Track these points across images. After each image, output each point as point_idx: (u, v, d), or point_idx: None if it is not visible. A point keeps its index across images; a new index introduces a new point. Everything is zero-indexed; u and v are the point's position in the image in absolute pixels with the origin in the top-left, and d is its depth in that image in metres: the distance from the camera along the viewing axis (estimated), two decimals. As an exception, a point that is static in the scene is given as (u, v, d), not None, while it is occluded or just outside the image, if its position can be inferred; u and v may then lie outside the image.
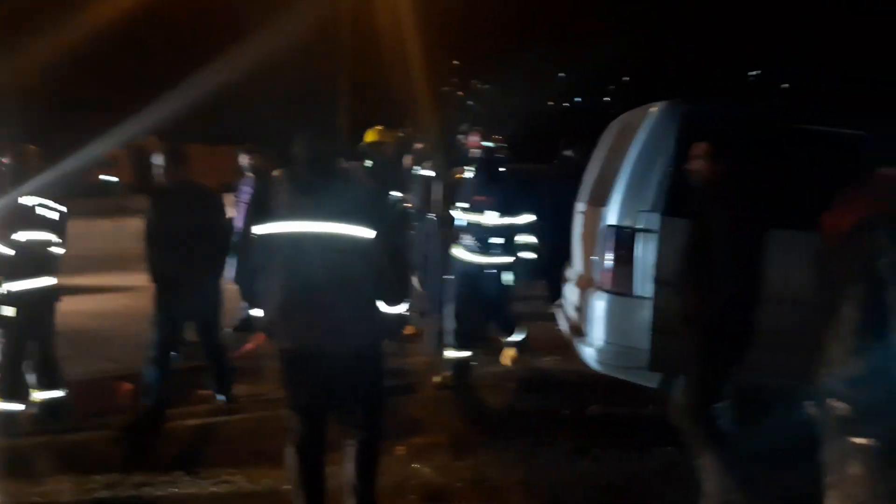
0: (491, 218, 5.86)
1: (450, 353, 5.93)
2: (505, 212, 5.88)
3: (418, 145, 7.86)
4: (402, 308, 3.66)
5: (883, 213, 2.42)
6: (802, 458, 4.08)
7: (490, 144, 6.07)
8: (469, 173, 6.20)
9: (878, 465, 2.49)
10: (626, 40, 31.55)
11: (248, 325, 7.12)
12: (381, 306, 3.49)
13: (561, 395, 5.78)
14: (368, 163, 7.26)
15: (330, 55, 17.77)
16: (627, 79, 38.13)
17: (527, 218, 6.07)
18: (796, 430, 4.12)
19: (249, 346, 6.56)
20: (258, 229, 3.41)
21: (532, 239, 6.27)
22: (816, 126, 4.62)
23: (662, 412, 5.07)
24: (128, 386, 5.00)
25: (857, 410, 2.50)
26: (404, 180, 7.48)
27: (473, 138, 6.07)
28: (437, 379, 5.90)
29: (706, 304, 3.75)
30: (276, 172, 4.50)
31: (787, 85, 33.79)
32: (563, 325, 5.76)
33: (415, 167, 7.57)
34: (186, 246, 4.89)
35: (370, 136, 7.25)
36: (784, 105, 5.39)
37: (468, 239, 5.98)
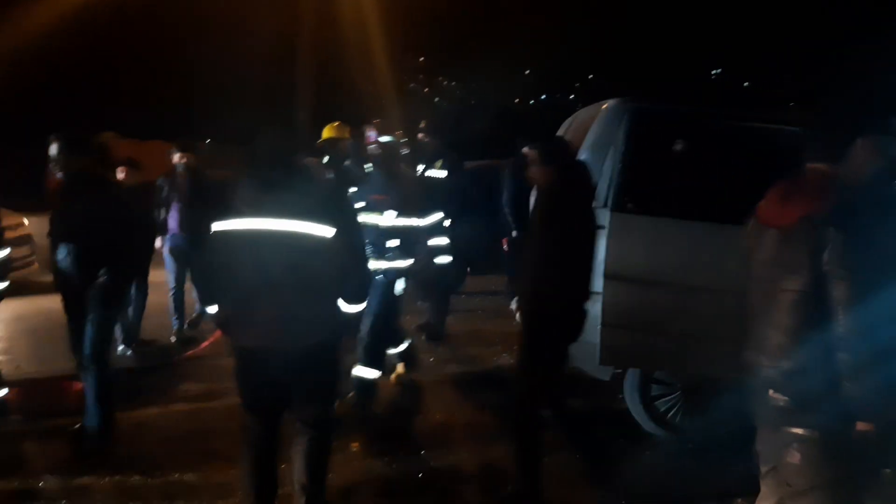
0: (388, 218, 5.22)
1: (356, 371, 5.23)
2: (403, 212, 5.27)
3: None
4: (361, 307, 3.65)
5: (829, 209, 2.46)
6: (746, 448, 4.19)
7: (388, 139, 5.52)
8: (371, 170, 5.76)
9: (816, 455, 2.54)
10: (592, 37, 31.75)
11: (198, 323, 7.11)
12: (341, 304, 3.48)
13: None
14: (326, 159, 7.23)
15: (292, 49, 17.63)
16: (592, 76, 38.34)
17: (433, 218, 5.93)
18: (740, 421, 4.24)
19: (203, 344, 6.51)
20: (217, 226, 3.37)
21: (444, 240, 6.26)
22: (760, 124, 4.71)
23: (614, 404, 5.17)
24: (78, 385, 4.92)
25: (795, 401, 2.55)
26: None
27: (369, 133, 5.65)
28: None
29: (524, 296, 3.94)
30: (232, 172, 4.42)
31: (747, 83, 34.29)
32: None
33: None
34: (83, 242, 4.48)
35: (327, 132, 7.23)
36: (730, 104, 5.46)
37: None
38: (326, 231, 3.31)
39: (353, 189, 6.44)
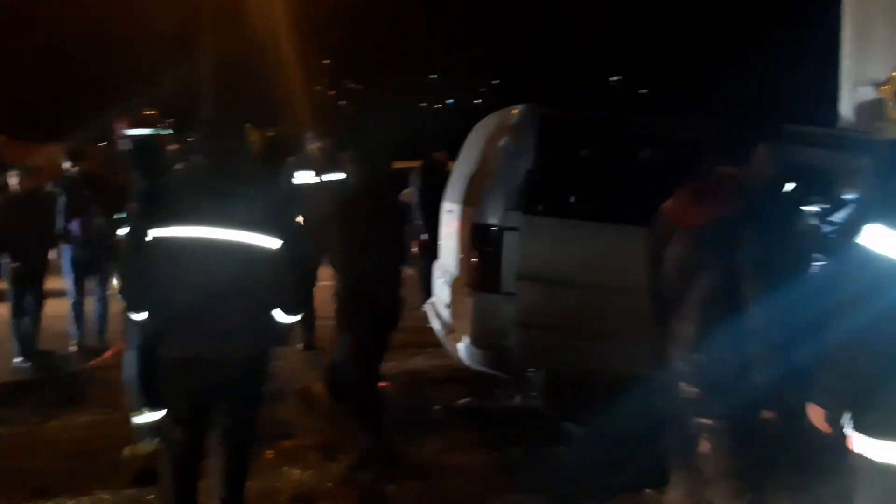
0: None
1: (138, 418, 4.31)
2: None
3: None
4: (298, 317, 3.59)
5: (739, 210, 2.58)
6: (654, 441, 4.36)
7: (145, 132, 4.48)
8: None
9: (724, 444, 2.67)
10: (497, 43, 32.29)
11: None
12: (278, 315, 3.40)
13: (432, 392, 5.86)
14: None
15: (193, 50, 17.18)
16: (497, 81, 39.00)
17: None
18: (649, 414, 4.41)
19: (107, 353, 6.28)
20: (158, 232, 3.20)
21: None
22: (663, 130, 4.92)
23: (530, 403, 5.28)
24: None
25: (705, 391, 2.66)
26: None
27: (118, 125, 4.52)
28: (126, 452, 4.39)
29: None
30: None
31: (645, 90, 35.67)
32: (435, 323, 5.85)
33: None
34: None
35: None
36: (635, 111, 5.68)
37: None
38: (272, 243, 3.24)
39: None
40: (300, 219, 5.88)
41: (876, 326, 2.05)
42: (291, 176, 6.98)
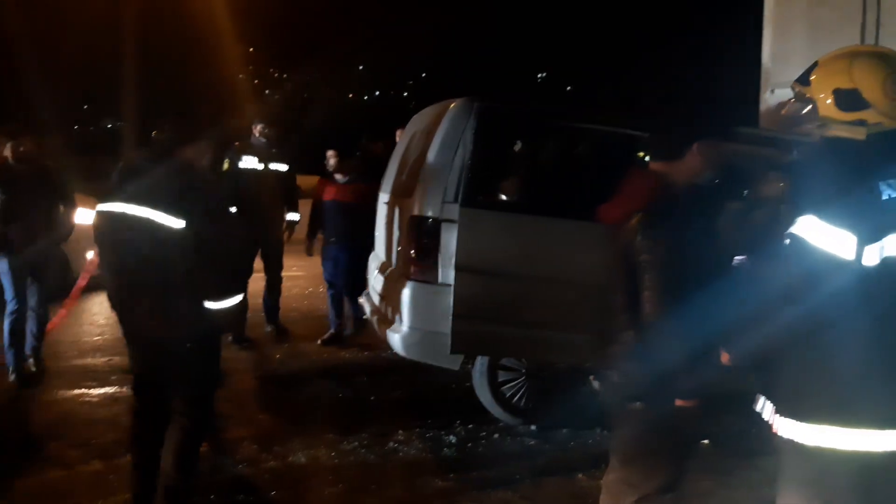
0: None
1: None
2: None
3: None
4: (231, 302, 3.53)
5: (657, 207, 2.65)
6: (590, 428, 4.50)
7: None
8: None
9: (647, 426, 2.75)
10: (426, 37, 32.29)
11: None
12: (207, 302, 3.34)
13: (367, 382, 5.88)
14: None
15: (115, 40, 16.62)
16: (424, 75, 39.03)
17: None
18: (582, 402, 4.55)
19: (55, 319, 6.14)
20: (97, 208, 3.43)
21: None
22: (599, 125, 5.06)
23: (464, 392, 5.37)
24: None
25: (631, 380, 2.75)
26: None
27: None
28: None
29: None
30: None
31: (570, 87, 36.32)
32: (370, 314, 5.86)
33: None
34: None
35: None
36: (570, 106, 5.82)
37: None
38: (176, 223, 3.21)
39: None
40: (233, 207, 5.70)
41: (812, 317, 2.14)
42: (224, 162, 6.81)
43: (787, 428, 2.27)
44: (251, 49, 32.79)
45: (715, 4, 24.38)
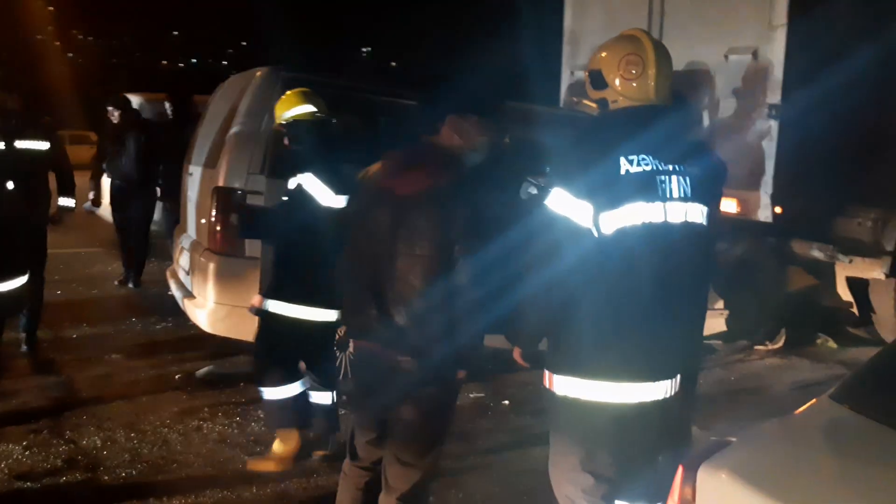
0: None
1: None
2: None
3: None
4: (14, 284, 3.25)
5: (451, 180, 2.62)
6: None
7: None
8: None
9: (427, 408, 2.69)
10: (244, 4, 31.20)
11: None
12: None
13: (171, 359, 5.68)
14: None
15: None
16: (245, 44, 37.68)
17: None
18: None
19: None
20: None
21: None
22: (398, 99, 5.12)
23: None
24: None
25: (414, 355, 2.62)
26: None
27: None
28: None
29: None
30: None
31: (394, 63, 36.53)
32: (175, 290, 5.65)
33: None
34: None
35: None
36: (373, 79, 5.88)
37: None
38: None
39: None
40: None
41: (559, 279, 2.30)
42: None
43: (547, 380, 2.45)
44: (50, 8, 30.23)
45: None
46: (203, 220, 5.15)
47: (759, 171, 6.15)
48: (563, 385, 2.38)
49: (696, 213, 2.37)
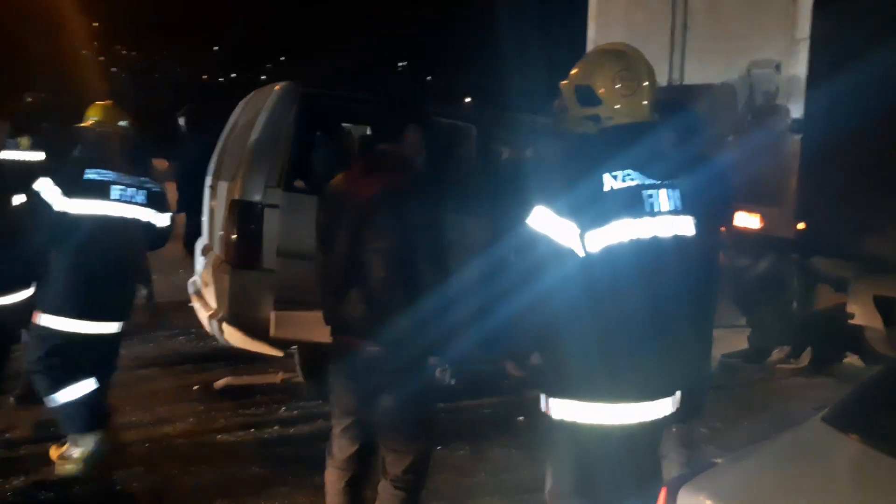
0: None
1: None
2: None
3: None
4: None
5: (404, 182, 2.79)
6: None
7: None
8: None
9: (405, 399, 2.81)
10: (284, 20, 31.67)
11: None
12: None
13: (191, 369, 5.76)
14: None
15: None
16: (284, 58, 38.25)
17: None
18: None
19: None
20: None
21: None
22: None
23: (293, 381, 5.36)
24: None
25: (387, 346, 2.75)
26: None
27: None
28: None
29: None
30: None
31: (430, 77, 36.68)
32: (195, 302, 5.73)
33: None
34: None
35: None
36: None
37: None
38: None
39: None
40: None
41: (541, 299, 2.27)
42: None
43: (543, 403, 2.40)
44: (95, 24, 31.02)
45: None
46: (221, 233, 5.23)
47: (783, 186, 6.04)
48: (559, 408, 2.34)
49: (689, 226, 2.32)
